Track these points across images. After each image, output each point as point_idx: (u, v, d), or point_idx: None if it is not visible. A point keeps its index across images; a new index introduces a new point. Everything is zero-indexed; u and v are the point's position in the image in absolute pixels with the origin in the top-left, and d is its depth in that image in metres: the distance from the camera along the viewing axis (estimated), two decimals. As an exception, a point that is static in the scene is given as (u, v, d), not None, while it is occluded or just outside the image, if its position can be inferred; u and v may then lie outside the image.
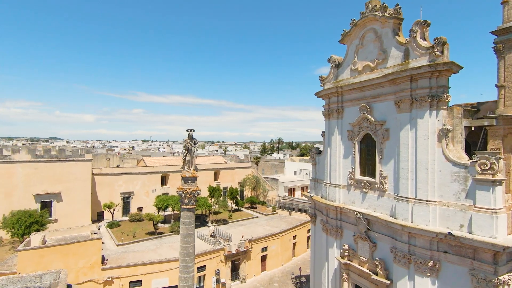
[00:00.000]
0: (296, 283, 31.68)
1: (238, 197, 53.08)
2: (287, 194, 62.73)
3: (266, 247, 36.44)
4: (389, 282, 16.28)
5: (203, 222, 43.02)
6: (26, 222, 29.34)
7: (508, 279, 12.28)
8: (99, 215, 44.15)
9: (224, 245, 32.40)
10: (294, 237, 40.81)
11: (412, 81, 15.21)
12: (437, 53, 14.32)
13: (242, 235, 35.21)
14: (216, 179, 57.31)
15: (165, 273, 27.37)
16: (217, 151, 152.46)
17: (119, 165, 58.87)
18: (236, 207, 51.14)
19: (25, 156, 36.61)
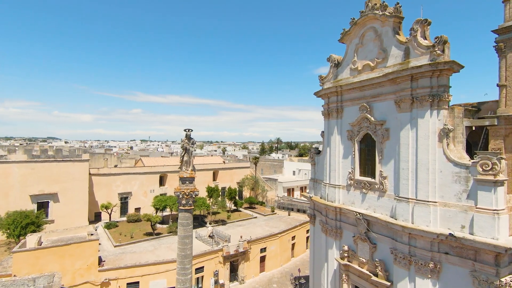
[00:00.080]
0: (295, 284, 31.46)
1: (237, 197, 52.87)
2: (286, 194, 62.55)
3: (265, 248, 36.23)
4: (389, 283, 16.13)
5: (201, 223, 42.76)
6: (22, 223, 28.99)
7: (510, 281, 12.12)
8: (97, 216, 43.83)
9: (222, 246, 32.18)
10: (293, 237, 40.61)
11: (412, 80, 15.08)
12: (438, 52, 14.18)
13: (240, 236, 34.99)
14: (214, 179, 57.07)
15: (163, 274, 27.12)
16: (215, 151, 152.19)
17: (116, 165, 58.48)
18: (235, 208, 50.93)
19: (21, 156, 36.26)
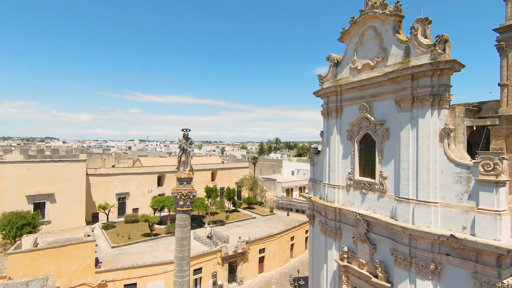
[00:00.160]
0: (295, 285, 31.27)
1: (236, 197, 52.63)
2: (284, 194, 62.38)
3: (264, 249, 36.02)
4: (389, 285, 15.96)
5: (199, 223, 42.49)
6: (18, 223, 28.61)
7: (512, 283, 11.98)
8: (94, 216, 43.46)
9: (221, 246, 31.95)
10: (292, 238, 40.43)
11: (413, 79, 14.92)
12: (439, 51, 14.02)
13: (239, 236, 34.77)
14: (213, 180, 56.80)
15: (160, 276, 26.87)
16: (214, 151, 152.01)
17: (114, 166, 58.11)
18: (233, 208, 50.69)
19: (17, 156, 35.82)
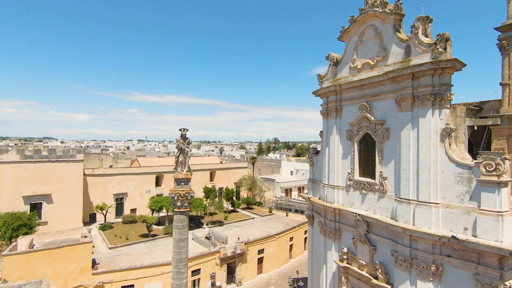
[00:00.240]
0: (294, 286, 31.06)
1: (234, 198, 52.41)
2: (283, 194, 62.17)
3: (263, 249, 35.80)
4: (390, 286, 15.79)
5: (198, 224, 42.23)
6: (14, 224, 28.22)
7: (515, 285, 11.82)
8: (92, 217, 43.12)
9: (219, 247, 31.71)
10: (291, 238, 40.23)
11: (413, 78, 14.75)
12: (440, 49, 13.85)
13: (238, 237, 34.56)
14: (211, 180, 56.52)
15: (158, 277, 26.59)
16: (213, 151, 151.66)
17: (112, 166, 57.73)
18: (232, 208, 50.44)
19: (14, 156, 35.44)
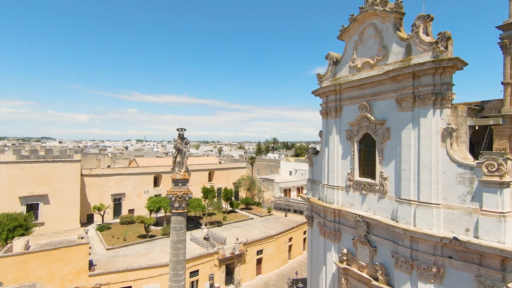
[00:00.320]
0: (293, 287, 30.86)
1: (233, 198, 52.18)
2: (282, 194, 61.94)
3: (262, 250, 35.58)
4: (390, 288, 15.59)
5: (196, 224, 41.97)
6: (10, 225, 27.94)
7: (517, 287, 11.65)
8: (89, 218, 42.75)
9: (218, 248, 31.48)
10: (290, 239, 40.04)
11: (414, 78, 14.57)
12: (441, 48, 13.68)
13: (236, 238, 34.33)
14: (210, 180, 56.26)
15: (156, 278, 26.32)
16: (211, 151, 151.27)
17: (110, 166, 57.32)
18: (231, 209, 50.22)
19: (10, 156, 35.03)
